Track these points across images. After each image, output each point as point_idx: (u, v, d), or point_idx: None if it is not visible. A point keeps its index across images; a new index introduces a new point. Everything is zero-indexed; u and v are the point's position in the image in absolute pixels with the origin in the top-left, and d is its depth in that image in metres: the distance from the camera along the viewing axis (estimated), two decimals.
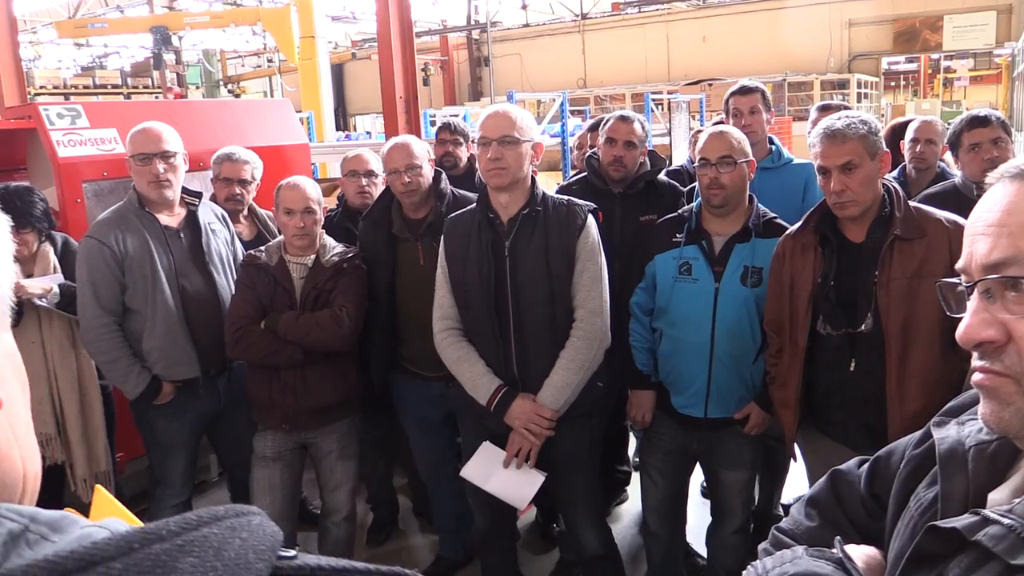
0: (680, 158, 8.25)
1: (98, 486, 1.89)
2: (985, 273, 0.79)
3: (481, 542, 3.16)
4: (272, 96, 24.84)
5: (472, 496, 2.99)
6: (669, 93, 14.56)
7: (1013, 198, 0.80)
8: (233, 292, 3.17)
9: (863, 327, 2.35)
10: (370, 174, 3.67)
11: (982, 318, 0.80)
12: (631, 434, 4.22)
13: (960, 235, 2.38)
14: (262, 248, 3.15)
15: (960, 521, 0.80)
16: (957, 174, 3.40)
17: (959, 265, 0.84)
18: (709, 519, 3.13)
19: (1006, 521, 0.75)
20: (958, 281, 0.84)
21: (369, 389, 3.34)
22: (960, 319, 0.83)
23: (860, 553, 1.00)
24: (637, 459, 3.83)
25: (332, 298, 3.03)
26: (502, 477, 2.75)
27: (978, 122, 3.12)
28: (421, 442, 3.45)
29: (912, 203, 2.43)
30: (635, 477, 3.96)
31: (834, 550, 0.98)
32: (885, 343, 2.31)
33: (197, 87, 22.27)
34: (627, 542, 3.75)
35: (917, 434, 1.02)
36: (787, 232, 2.59)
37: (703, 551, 3.32)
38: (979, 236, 0.82)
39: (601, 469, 3.65)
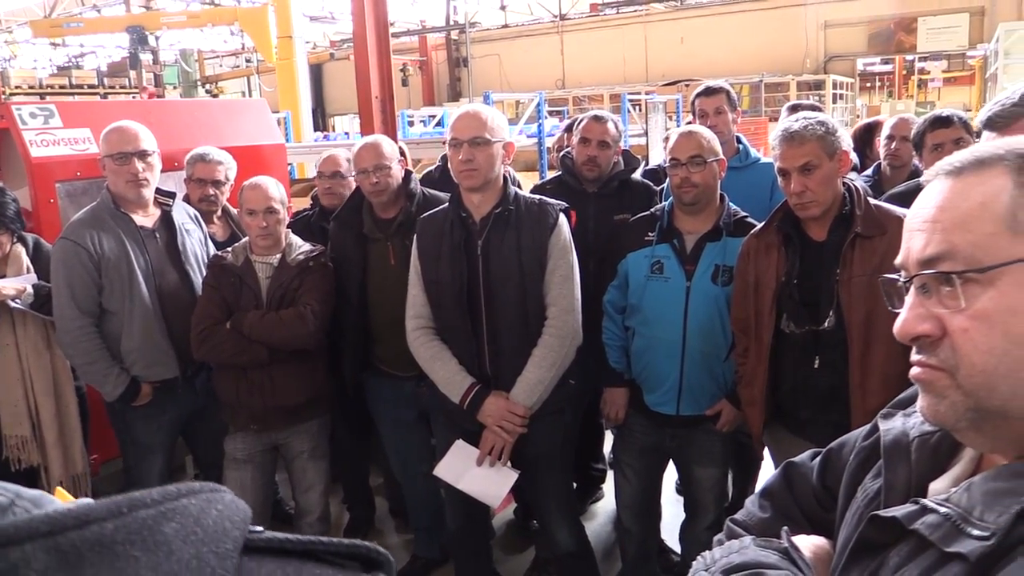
0: (657, 158, 8.29)
1: (59, 488, 1.89)
2: (920, 268, 0.80)
3: (454, 540, 3.17)
4: (250, 96, 24.71)
5: (446, 494, 3.01)
6: (647, 94, 14.62)
7: (947, 194, 0.80)
8: None
9: (826, 324, 2.38)
10: (336, 175, 3.67)
11: (918, 313, 0.81)
12: (607, 432, 4.25)
13: None
14: (229, 248, 3.15)
15: (900, 510, 0.82)
16: None
17: (897, 261, 0.85)
18: (683, 516, 3.16)
19: (942, 510, 0.76)
20: (897, 277, 0.85)
21: (343, 389, 3.34)
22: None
23: (808, 543, 1.01)
24: (613, 457, 3.86)
25: (298, 297, 3.04)
26: (475, 475, 2.76)
27: (940, 123, 3.17)
28: (395, 441, 3.46)
29: (873, 201, 2.47)
30: (611, 475, 3.99)
31: (781, 540, 0.99)
32: (847, 339, 2.34)
33: (175, 87, 22.09)
34: (602, 539, 3.78)
35: (868, 426, 1.04)
36: (751, 232, 2.63)
37: (677, 547, 3.36)
38: (915, 232, 0.83)
39: (577, 467, 3.69)
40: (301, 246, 3.15)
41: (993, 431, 0.79)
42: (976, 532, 0.71)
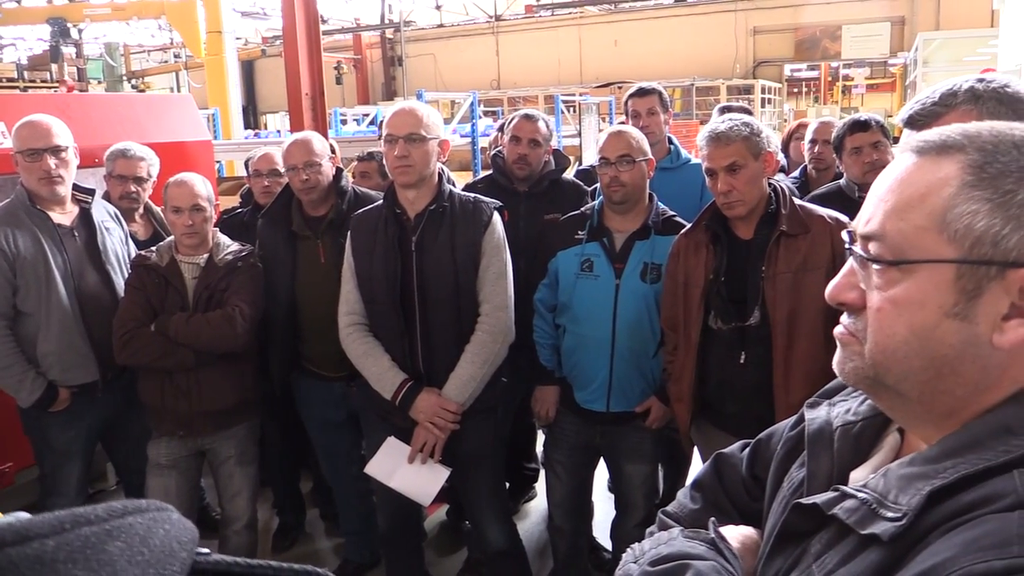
0: (590, 159, 8.36)
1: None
2: (860, 240, 0.82)
3: (385, 542, 3.14)
4: (179, 92, 24.11)
5: (377, 496, 2.97)
6: (581, 95, 14.74)
7: (903, 174, 0.80)
8: None
9: (751, 320, 2.44)
10: (273, 173, 3.61)
11: (849, 280, 0.83)
12: (539, 431, 4.26)
13: (841, 231, 2.48)
14: (153, 248, 3.06)
15: (821, 498, 0.83)
16: None
17: (852, 223, 0.86)
18: (614, 513, 3.18)
19: (861, 495, 0.78)
20: (847, 238, 0.86)
21: (272, 392, 3.28)
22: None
23: (736, 533, 1.03)
24: (544, 455, 3.87)
25: (226, 298, 2.96)
26: (407, 473, 2.74)
27: (859, 126, 3.27)
28: (324, 443, 3.41)
29: (797, 201, 2.54)
30: (543, 474, 4.00)
31: (708, 531, 1.00)
32: (772, 335, 2.40)
33: (99, 82, 21.43)
34: (535, 538, 3.78)
35: (795, 417, 1.06)
36: (681, 231, 2.67)
37: (609, 544, 3.38)
38: (869, 201, 0.83)
39: (509, 466, 3.69)
40: (229, 246, 3.08)
41: (888, 401, 0.83)
42: (890, 514, 0.73)
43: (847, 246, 0.85)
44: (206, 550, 0.45)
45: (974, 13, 19.24)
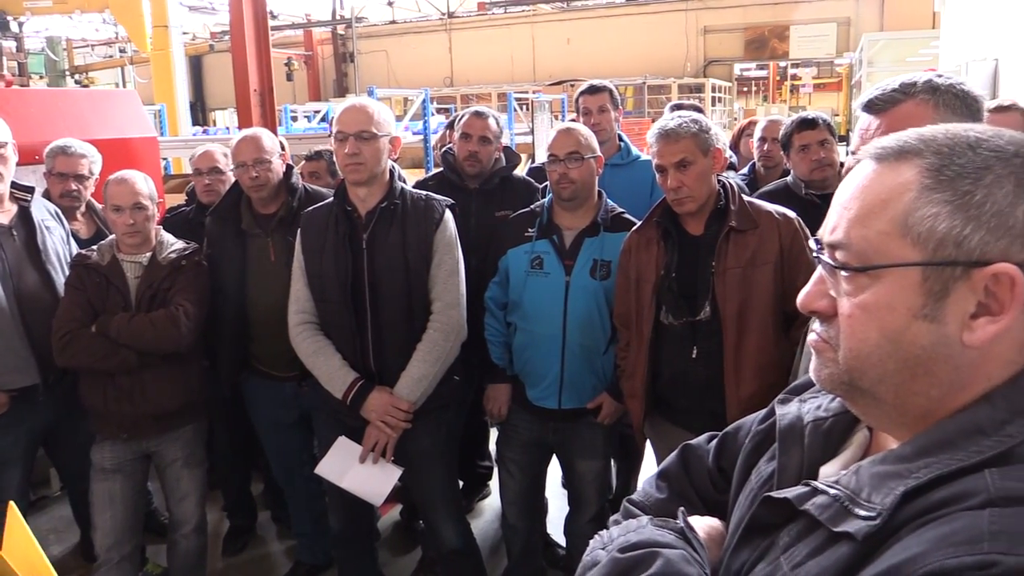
0: (543, 156, 8.38)
1: (11, 503, 1.75)
2: (827, 248, 0.83)
3: (337, 544, 3.11)
4: (124, 88, 23.58)
5: (328, 497, 2.94)
6: (534, 93, 14.77)
7: (864, 181, 0.81)
8: None
9: (702, 316, 2.46)
10: (214, 171, 3.55)
11: (819, 288, 0.85)
12: (492, 429, 4.26)
13: (789, 227, 2.52)
14: (94, 247, 2.98)
15: (792, 492, 0.84)
16: None
17: (819, 232, 0.87)
18: (568, 509, 3.19)
19: (832, 491, 0.79)
20: (814, 247, 0.87)
21: (220, 392, 3.22)
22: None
23: (703, 524, 1.04)
24: (497, 453, 3.87)
25: (170, 297, 2.90)
26: (358, 473, 2.72)
27: (806, 124, 3.32)
28: (275, 445, 3.36)
29: (746, 197, 2.57)
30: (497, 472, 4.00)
31: (677, 520, 1.01)
32: (722, 330, 2.43)
33: (41, 77, 20.86)
34: (488, 536, 3.78)
35: (764, 411, 1.07)
36: (632, 228, 2.68)
37: (563, 541, 3.39)
38: (832, 211, 0.84)
39: (463, 465, 3.68)
40: (173, 244, 3.02)
41: (864, 406, 0.84)
42: (863, 512, 0.74)
43: (814, 255, 0.86)
44: None
45: (916, 15, 19.73)
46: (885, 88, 1.48)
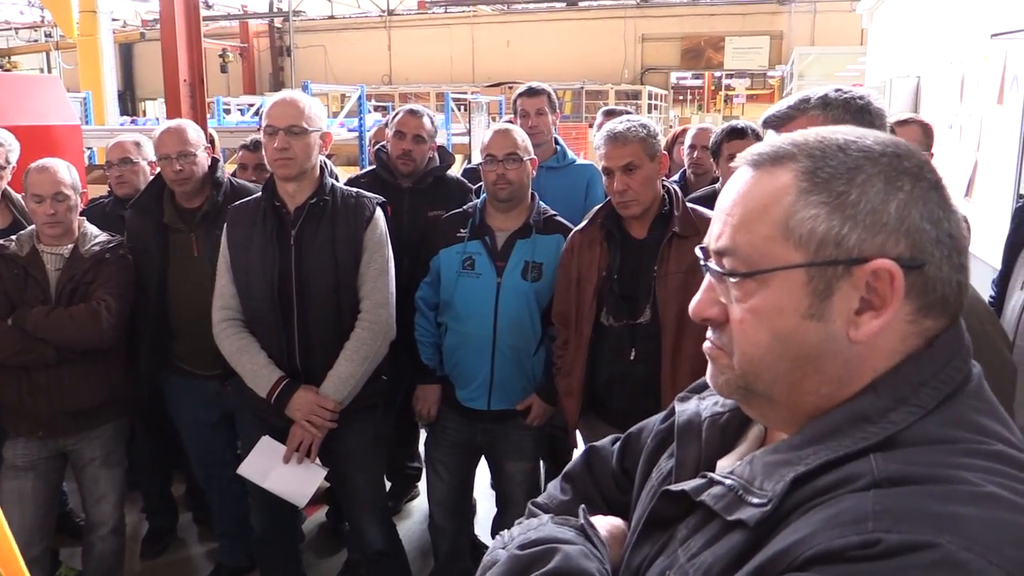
0: (479, 157, 8.38)
1: None
2: (714, 256, 0.85)
3: (259, 545, 3.05)
4: (50, 73, 22.76)
5: (251, 496, 2.88)
6: (472, 94, 14.76)
7: (743, 188, 0.83)
8: None
9: (642, 318, 2.50)
10: (125, 162, 3.45)
11: (709, 296, 0.86)
12: (422, 430, 4.23)
13: None
14: (12, 237, 2.87)
15: (689, 484, 0.86)
16: None
17: (704, 240, 0.88)
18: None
19: (727, 482, 0.80)
20: (701, 256, 0.89)
21: (140, 389, 3.13)
22: None
23: (604, 523, 1.05)
24: (426, 454, 3.85)
25: (91, 291, 2.81)
26: (282, 473, 2.67)
27: (736, 134, 3.38)
28: (197, 444, 3.28)
29: (689, 204, 2.61)
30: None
31: (578, 518, 1.02)
32: (661, 333, 2.46)
33: None
34: (416, 537, 3.76)
35: (665, 411, 1.09)
36: (576, 228, 2.70)
37: (490, 542, 3.38)
38: (716, 218, 0.86)
39: (391, 466, 3.65)
40: (97, 236, 2.93)
41: (759, 408, 0.85)
42: (756, 500, 0.76)
43: (702, 263, 0.87)
44: None
45: (846, 31, 20.30)
46: (782, 106, 1.53)
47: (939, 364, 0.78)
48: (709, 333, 0.88)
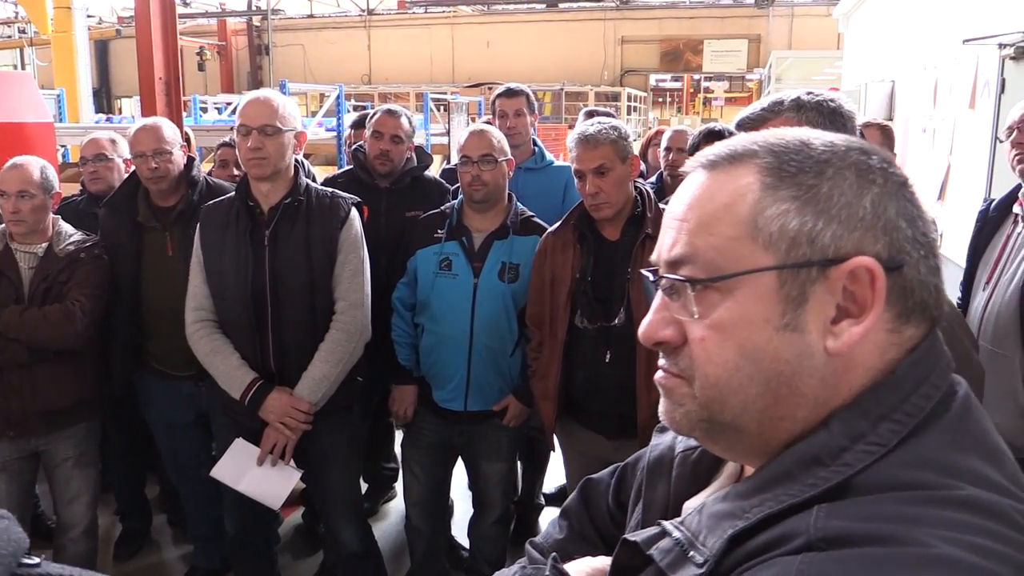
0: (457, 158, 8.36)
1: None
2: (667, 269, 0.75)
3: (234, 547, 3.03)
4: (23, 70, 22.46)
5: (225, 498, 2.86)
6: (452, 94, 14.74)
7: (698, 191, 0.74)
8: None
9: (617, 321, 2.50)
10: (100, 158, 3.42)
11: (662, 316, 0.75)
12: (397, 431, 4.22)
13: None
14: None
15: (642, 534, 0.76)
16: None
17: (652, 256, 0.78)
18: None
19: (676, 534, 0.71)
20: (650, 274, 0.78)
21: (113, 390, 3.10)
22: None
23: (584, 567, 0.95)
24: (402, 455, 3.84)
25: (66, 291, 2.78)
26: (256, 475, 2.65)
27: (713, 136, 3.39)
28: (170, 446, 3.26)
29: (663, 205, 2.62)
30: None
31: (545, 567, 0.94)
32: (636, 335, 2.46)
33: None
34: (392, 538, 3.74)
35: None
36: (549, 230, 2.70)
37: (467, 543, 3.38)
38: (667, 228, 0.76)
39: (368, 467, 3.64)
40: (72, 235, 2.90)
41: (726, 443, 0.75)
42: (698, 558, 0.67)
43: (651, 281, 0.77)
44: (35, 560, 0.41)
45: (822, 35, 20.51)
46: (756, 108, 1.54)
47: (905, 391, 0.68)
48: (661, 361, 0.76)
